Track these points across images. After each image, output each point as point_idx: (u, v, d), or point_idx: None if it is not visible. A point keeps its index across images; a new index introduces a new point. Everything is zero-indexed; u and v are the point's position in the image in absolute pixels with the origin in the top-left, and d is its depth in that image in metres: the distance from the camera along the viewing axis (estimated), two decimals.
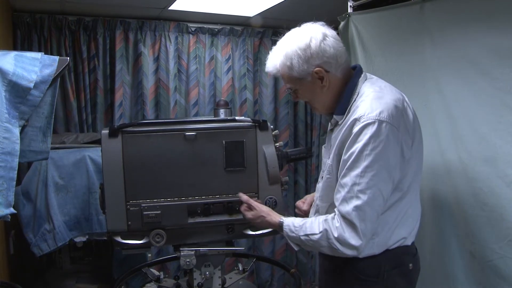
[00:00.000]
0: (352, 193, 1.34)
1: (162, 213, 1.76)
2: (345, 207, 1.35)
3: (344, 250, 1.36)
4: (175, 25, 3.26)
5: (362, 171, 1.33)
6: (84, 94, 3.04)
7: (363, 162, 1.33)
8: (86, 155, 2.40)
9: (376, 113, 1.34)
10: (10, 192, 1.38)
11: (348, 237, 1.34)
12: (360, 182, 1.33)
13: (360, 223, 1.33)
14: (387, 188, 1.36)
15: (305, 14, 1.53)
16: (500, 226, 1.70)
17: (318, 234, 1.41)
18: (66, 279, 2.55)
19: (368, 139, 1.32)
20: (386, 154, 1.33)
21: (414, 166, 1.45)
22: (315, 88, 1.48)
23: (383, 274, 1.43)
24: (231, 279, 2.10)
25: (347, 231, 1.35)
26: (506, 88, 1.69)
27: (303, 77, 1.46)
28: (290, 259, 3.75)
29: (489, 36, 1.75)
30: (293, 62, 1.44)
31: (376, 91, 1.43)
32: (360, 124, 1.35)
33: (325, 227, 1.39)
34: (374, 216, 1.36)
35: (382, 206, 1.37)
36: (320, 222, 1.42)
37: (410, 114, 1.44)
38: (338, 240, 1.36)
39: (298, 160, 2.09)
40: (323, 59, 1.43)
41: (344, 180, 1.36)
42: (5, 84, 1.40)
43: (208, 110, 3.41)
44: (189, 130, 1.80)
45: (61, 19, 2.94)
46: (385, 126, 1.33)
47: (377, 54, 2.23)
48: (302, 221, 1.48)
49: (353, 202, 1.34)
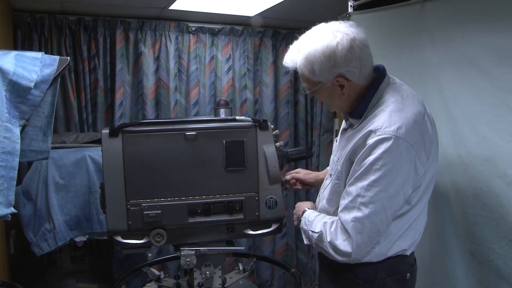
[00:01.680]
0: (355, 203, 1.33)
1: (163, 213, 1.76)
2: (345, 215, 1.35)
3: (335, 255, 1.38)
4: (175, 24, 3.26)
5: (369, 184, 1.31)
6: (85, 93, 3.04)
7: (371, 176, 1.30)
8: (87, 154, 2.40)
9: (393, 128, 1.30)
10: (10, 191, 1.39)
11: (339, 244, 1.36)
12: (365, 195, 1.32)
13: (355, 235, 1.33)
14: (392, 205, 1.34)
15: (305, 14, 1.53)
16: (500, 225, 1.70)
17: (316, 234, 1.44)
18: (66, 279, 2.55)
19: (381, 154, 1.29)
20: (396, 171, 1.30)
21: (428, 179, 1.42)
22: (333, 93, 1.43)
23: (378, 280, 1.42)
24: (231, 278, 2.10)
25: (339, 238, 1.36)
26: (506, 88, 1.69)
27: (322, 82, 1.40)
28: (291, 259, 3.75)
29: (489, 36, 1.75)
30: (314, 67, 1.36)
31: (398, 101, 1.37)
32: (376, 137, 1.31)
33: (321, 229, 1.42)
34: (373, 231, 1.34)
35: (384, 222, 1.34)
36: (321, 223, 1.44)
37: (429, 128, 1.40)
38: (330, 244, 1.38)
39: (298, 160, 2.08)
40: (347, 68, 1.36)
41: (350, 189, 1.35)
42: (6, 84, 1.40)
43: (209, 109, 3.41)
44: (190, 130, 1.80)
45: (61, 18, 2.94)
46: (401, 143, 1.29)
47: (378, 53, 2.22)
48: (315, 217, 1.50)
49: (353, 212, 1.33)
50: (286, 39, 3.58)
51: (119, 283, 2.13)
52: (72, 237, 2.35)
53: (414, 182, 1.36)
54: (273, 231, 1.90)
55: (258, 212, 1.85)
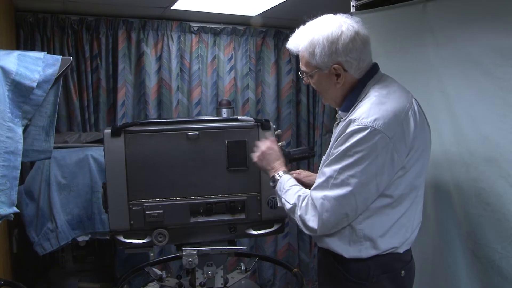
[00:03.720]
0: (327, 183, 1.39)
1: (165, 213, 1.76)
2: (316, 193, 1.40)
3: (303, 229, 1.45)
4: (177, 24, 3.26)
5: (341, 168, 1.36)
6: (87, 93, 3.04)
7: (344, 161, 1.36)
8: (89, 154, 2.40)
9: (371, 119, 1.34)
10: (13, 191, 1.39)
11: (307, 219, 1.41)
12: (337, 177, 1.37)
13: (323, 212, 1.38)
14: (362, 192, 1.37)
15: (307, 13, 1.53)
16: (503, 226, 1.70)
17: (290, 205, 1.49)
18: (68, 278, 2.55)
19: (355, 142, 1.34)
20: (369, 160, 1.34)
21: (413, 175, 1.42)
22: (328, 81, 1.48)
23: (372, 277, 1.43)
24: (233, 278, 2.10)
25: (308, 213, 1.41)
26: (509, 88, 1.68)
27: (320, 67, 1.45)
28: (292, 259, 3.75)
29: (492, 36, 1.75)
30: (316, 50, 1.42)
31: (381, 95, 1.41)
32: (354, 126, 1.36)
33: (295, 202, 1.47)
34: (340, 212, 1.38)
35: (353, 206, 1.38)
36: (295, 196, 1.48)
37: (411, 123, 1.40)
38: (300, 218, 1.44)
39: (300, 160, 2.08)
40: (346, 58, 1.42)
41: (325, 170, 1.41)
42: (8, 84, 1.41)
43: (211, 109, 3.41)
44: (192, 130, 1.80)
45: (63, 18, 2.94)
46: (376, 134, 1.33)
47: (380, 53, 2.22)
48: (290, 186, 1.54)
49: (324, 191, 1.38)
50: (288, 39, 3.56)
51: (121, 282, 2.13)
52: (74, 236, 2.36)
53: (390, 174, 1.38)
54: (275, 231, 1.90)
55: (260, 212, 1.85)
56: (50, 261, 2.75)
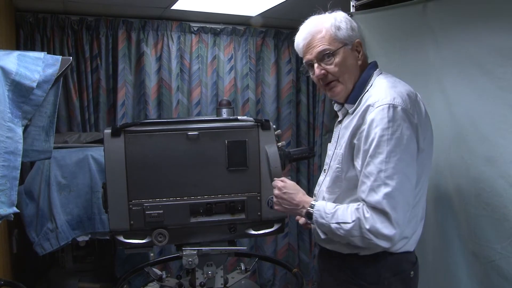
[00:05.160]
0: (380, 180, 1.29)
1: (165, 213, 1.76)
2: (374, 196, 1.29)
3: (378, 242, 1.30)
4: (177, 24, 3.26)
5: (387, 156, 1.29)
6: (87, 93, 3.04)
7: (386, 147, 1.29)
8: (89, 154, 2.40)
9: (390, 98, 1.34)
10: (13, 191, 1.39)
11: (380, 228, 1.28)
12: (386, 168, 1.29)
13: (392, 211, 1.27)
14: (412, 172, 1.33)
15: (307, 13, 1.53)
16: (503, 226, 1.70)
17: (350, 224, 1.33)
18: (68, 278, 2.55)
19: (386, 124, 1.30)
20: (405, 137, 1.31)
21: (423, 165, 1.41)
22: (353, 58, 1.48)
23: (383, 280, 1.40)
24: (233, 278, 2.10)
25: (378, 221, 1.29)
26: (509, 88, 1.68)
27: (346, 43, 1.46)
28: (292, 259, 3.74)
29: (492, 36, 1.75)
30: (341, 25, 1.46)
31: (389, 82, 1.44)
32: (375, 109, 1.33)
33: (357, 216, 1.32)
34: (405, 204, 1.31)
35: (411, 193, 1.33)
36: (352, 210, 1.34)
37: (422, 108, 1.43)
38: (371, 231, 1.29)
39: (300, 160, 2.08)
40: (360, 36, 1.49)
41: (369, 169, 1.31)
42: (8, 84, 1.41)
43: (211, 109, 3.41)
44: (192, 130, 1.80)
45: (63, 18, 2.94)
46: (400, 110, 1.32)
47: (380, 53, 2.22)
48: (334, 208, 1.39)
49: (382, 189, 1.28)
50: (288, 39, 3.58)
51: (121, 282, 2.13)
52: (74, 236, 2.36)
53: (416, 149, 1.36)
54: (275, 231, 1.90)
55: (260, 212, 1.85)
56: (50, 261, 2.75)
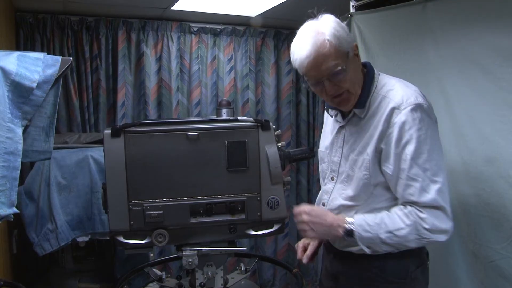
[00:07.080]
0: (428, 180, 1.32)
1: (165, 213, 1.76)
2: (427, 196, 1.32)
3: (437, 238, 1.33)
4: (177, 25, 3.26)
5: (428, 155, 1.32)
6: (87, 94, 3.04)
7: (425, 146, 1.32)
8: (89, 155, 2.40)
9: (413, 98, 1.35)
10: (13, 191, 1.39)
11: (439, 224, 1.32)
12: (431, 167, 1.32)
13: (446, 204, 1.33)
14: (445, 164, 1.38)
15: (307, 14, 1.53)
16: (503, 226, 1.70)
17: (405, 229, 1.33)
18: (68, 279, 2.55)
19: (419, 124, 1.32)
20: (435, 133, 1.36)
21: None
22: (357, 65, 1.44)
23: (410, 275, 1.41)
24: (233, 279, 2.10)
25: (436, 219, 1.32)
26: (509, 88, 1.68)
27: (348, 51, 1.39)
28: (292, 259, 3.74)
29: (492, 36, 1.75)
30: (340, 33, 1.36)
31: (399, 81, 1.44)
32: (402, 111, 1.34)
33: (412, 219, 1.33)
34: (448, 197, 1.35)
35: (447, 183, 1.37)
36: (401, 215, 1.34)
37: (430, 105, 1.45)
38: (430, 230, 1.32)
39: (300, 160, 2.08)
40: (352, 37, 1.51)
41: (414, 171, 1.33)
42: (8, 84, 1.41)
43: (210, 110, 3.41)
44: (191, 130, 1.79)
45: (63, 19, 2.94)
46: (426, 108, 1.35)
47: (380, 54, 2.23)
48: (377, 218, 1.37)
49: (432, 187, 1.32)
50: (288, 39, 3.58)
51: (121, 283, 2.13)
52: (74, 237, 2.35)
53: None
54: (275, 231, 1.89)
55: (260, 212, 1.84)
56: (50, 261, 2.75)
